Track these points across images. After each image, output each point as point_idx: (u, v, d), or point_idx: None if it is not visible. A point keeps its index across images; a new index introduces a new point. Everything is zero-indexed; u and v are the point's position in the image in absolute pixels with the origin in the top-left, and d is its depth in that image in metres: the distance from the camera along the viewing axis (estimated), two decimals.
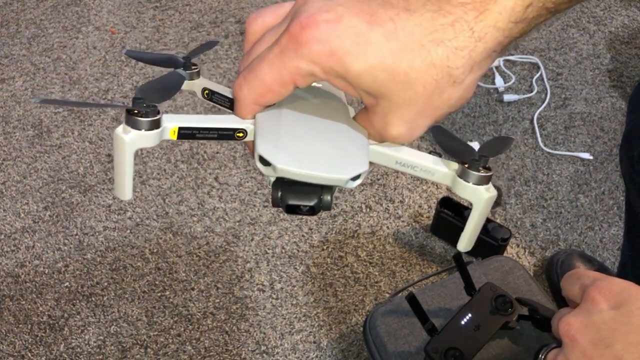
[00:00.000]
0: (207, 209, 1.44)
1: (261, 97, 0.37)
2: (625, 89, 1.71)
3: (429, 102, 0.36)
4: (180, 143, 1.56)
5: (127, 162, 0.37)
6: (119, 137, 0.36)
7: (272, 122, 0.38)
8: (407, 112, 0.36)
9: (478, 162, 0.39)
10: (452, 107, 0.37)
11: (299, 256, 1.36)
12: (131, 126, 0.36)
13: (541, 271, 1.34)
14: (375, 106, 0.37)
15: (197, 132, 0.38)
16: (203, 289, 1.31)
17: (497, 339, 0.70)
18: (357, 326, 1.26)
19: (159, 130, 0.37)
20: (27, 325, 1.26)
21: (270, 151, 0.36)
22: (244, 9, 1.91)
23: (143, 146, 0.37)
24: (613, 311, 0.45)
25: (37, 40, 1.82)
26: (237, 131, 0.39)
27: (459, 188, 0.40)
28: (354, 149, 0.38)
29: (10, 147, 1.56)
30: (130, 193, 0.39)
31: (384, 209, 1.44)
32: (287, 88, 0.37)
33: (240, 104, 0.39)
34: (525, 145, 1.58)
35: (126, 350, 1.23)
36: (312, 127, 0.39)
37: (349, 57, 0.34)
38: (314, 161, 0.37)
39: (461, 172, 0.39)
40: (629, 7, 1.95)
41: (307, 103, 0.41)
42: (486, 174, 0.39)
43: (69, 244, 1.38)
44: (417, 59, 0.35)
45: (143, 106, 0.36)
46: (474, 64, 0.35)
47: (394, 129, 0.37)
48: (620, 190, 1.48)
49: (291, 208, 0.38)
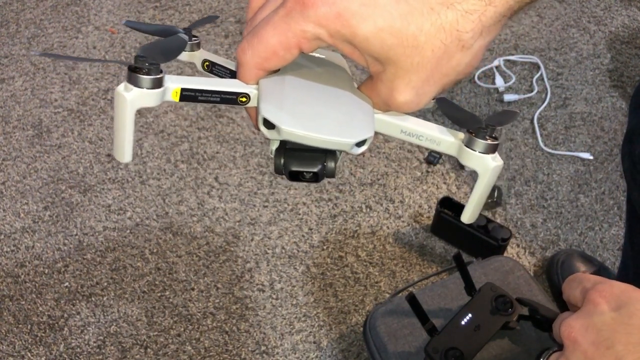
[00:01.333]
0: (207, 209, 1.44)
1: (265, 61, 0.37)
2: (625, 89, 1.71)
3: (437, 67, 0.35)
4: (180, 143, 1.56)
5: (127, 121, 0.36)
6: (120, 95, 0.35)
7: (276, 87, 0.38)
8: (415, 77, 0.36)
9: (485, 131, 0.38)
10: (460, 74, 0.37)
11: (299, 256, 1.36)
12: (133, 84, 0.35)
13: (541, 271, 1.34)
14: (382, 73, 0.36)
15: (199, 94, 0.37)
16: (203, 289, 1.31)
17: (497, 339, 0.70)
18: (357, 326, 1.26)
19: (161, 89, 0.36)
20: (26, 325, 1.26)
21: (274, 113, 0.36)
22: (244, 9, 1.91)
23: (144, 105, 0.36)
24: (614, 313, 0.45)
25: (37, 40, 1.82)
26: (241, 95, 0.38)
27: (465, 157, 0.39)
28: (360, 115, 0.38)
29: (10, 147, 1.56)
30: (130, 155, 0.37)
31: (384, 209, 1.44)
32: (292, 52, 0.36)
33: (243, 68, 0.38)
34: (526, 145, 1.57)
35: (126, 351, 1.23)
36: (316, 93, 0.39)
37: (356, 19, 0.34)
38: (319, 124, 0.36)
39: (468, 141, 0.39)
40: (629, 7, 1.95)
41: (311, 71, 0.41)
42: (493, 142, 0.38)
43: (69, 244, 1.38)
44: (427, 22, 0.34)
45: (146, 64, 0.35)
46: (483, 28, 0.35)
47: (401, 95, 0.36)
48: (620, 190, 1.48)
49: (294, 175, 0.38)
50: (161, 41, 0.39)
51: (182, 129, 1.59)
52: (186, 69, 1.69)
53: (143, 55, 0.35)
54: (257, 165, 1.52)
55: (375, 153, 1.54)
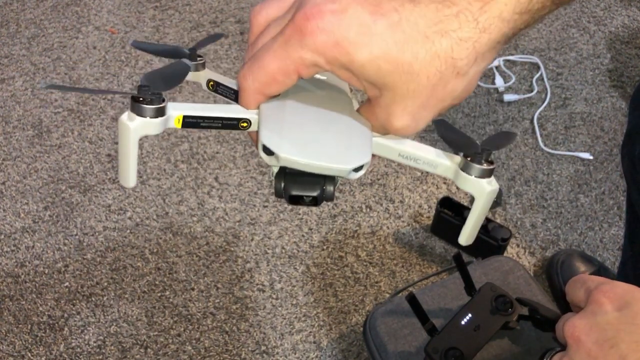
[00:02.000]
0: (207, 209, 1.44)
1: (265, 87, 0.37)
2: (625, 89, 1.71)
3: (432, 93, 0.36)
4: (180, 143, 1.56)
5: (131, 149, 0.37)
6: (124, 124, 0.36)
7: (276, 113, 0.38)
8: (411, 103, 0.36)
9: (481, 155, 0.39)
10: (455, 99, 0.37)
11: (299, 256, 1.36)
12: (136, 113, 0.36)
13: (541, 271, 1.34)
14: (379, 98, 0.37)
15: (201, 120, 0.38)
16: (203, 289, 1.31)
17: (497, 339, 0.70)
18: (357, 326, 1.26)
19: (163, 118, 0.37)
20: (27, 325, 1.26)
21: (274, 140, 0.36)
22: (244, 9, 1.91)
23: (147, 133, 0.37)
24: (617, 312, 0.45)
25: (37, 40, 1.82)
26: (242, 121, 0.39)
27: (461, 181, 0.40)
28: (357, 140, 0.38)
29: (10, 147, 1.56)
30: (134, 180, 0.39)
31: (384, 209, 1.44)
32: (291, 78, 0.37)
33: (244, 93, 0.38)
34: (526, 145, 1.58)
35: (126, 351, 1.23)
36: (315, 117, 0.40)
37: (354, 47, 0.34)
38: (317, 151, 0.37)
39: (464, 165, 0.39)
40: (629, 7, 1.95)
41: (312, 94, 0.42)
42: (488, 167, 0.39)
43: (69, 244, 1.38)
44: (422, 50, 0.34)
45: (148, 94, 0.36)
46: (478, 55, 0.35)
47: (398, 120, 0.37)
48: (620, 190, 1.48)
49: (294, 199, 0.39)
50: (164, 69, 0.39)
51: (182, 129, 1.59)
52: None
53: (146, 85, 0.36)
54: (257, 165, 1.52)
55: None
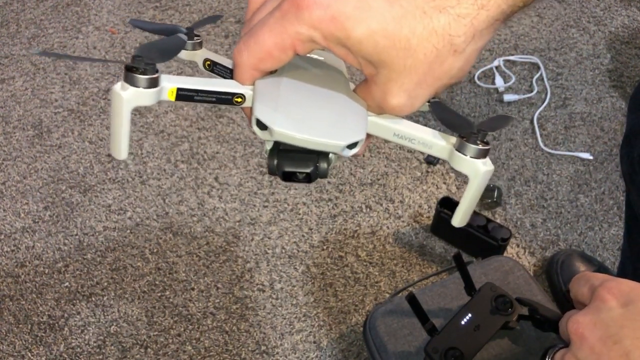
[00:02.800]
0: (207, 209, 1.44)
1: (261, 62, 0.37)
2: (625, 89, 1.71)
3: (429, 70, 0.36)
4: (180, 143, 1.56)
5: (123, 119, 0.37)
6: (117, 94, 0.36)
7: (271, 88, 0.38)
8: (407, 80, 0.36)
9: (476, 135, 0.39)
10: (452, 78, 0.37)
11: (299, 256, 1.36)
12: (129, 83, 0.36)
13: (541, 271, 1.34)
14: (375, 75, 0.37)
15: (195, 94, 0.38)
16: (203, 289, 1.31)
17: (497, 339, 0.70)
18: (357, 326, 1.26)
19: (157, 89, 0.36)
20: (27, 325, 1.26)
21: (267, 114, 0.36)
22: (244, 9, 1.91)
23: (140, 104, 0.36)
24: (622, 309, 0.45)
25: (37, 40, 1.82)
26: (236, 96, 0.39)
27: (456, 161, 0.39)
28: (352, 118, 0.38)
29: (10, 147, 1.56)
30: (125, 152, 0.38)
31: (384, 209, 1.44)
32: (287, 53, 0.36)
33: (239, 69, 0.38)
34: (525, 145, 1.58)
35: (126, 350, 1.23)
36: (311, 95, 0.39)
37: (350, 22, 0.34)
38: (310, 126, 0.37)
39: (459, 145, 0.39)
40: (629, 7, 1.95)
41: (308, 73, 0.41)
42: (484, 147, 0.39)
43: (69, 244, 1.38)
44: (419, 26, 0.34)
45: (142, 64, 0.36)
46: (475, 32, 0.35)
47: (394, 98, 0.37)
48: (620, 190, 1.48)
49: (287, 175, 0.38)
50: (159, 41, 0.39)
51: (182, 129, 1.60)
52: (186, 68, 1.69)
53: (140, 55, 0.36)
54: (257, 165, 1.52)
55: (375, 153, 1.54)
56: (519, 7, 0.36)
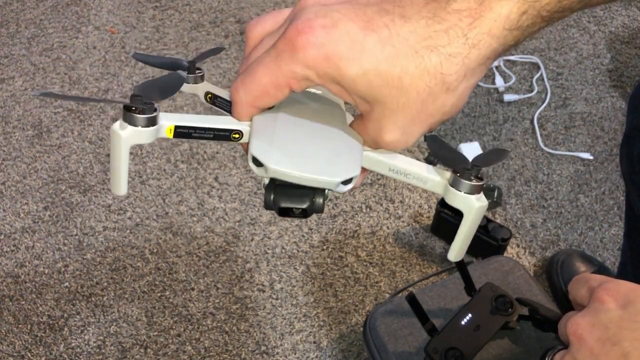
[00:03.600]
0: (207, 209, 1.44)
1: (257, 99, 0.38)
2: (625, 89, 1.71)
3: (422, 108, 0.36)
4: (180, 143, 1.56)
5: (122, 157, 0.37)
6: (116, 133, 0.37)
7: (267, 125, 0.39)
8: (401, 118, 0.37)
9: (470, 172, 0.39)
10: (445, 115, 0.38)
11: (299, 256, 1.36)
12: (128, 122, 0.36)
13: (541, 271, 1.34)
14: (370, 112, 0.37)
15: (193, 131, 0.39)
16: (203, 289, 1.31)
17: (497, 339, 0.70)
18: (357, 326, 1.26)
19: (155, 127, 0.37)
20: (26, 325, 1.26)
21: (263, 152, 0.37)
22: (244, 9, 1.91)
23: (139, 142, 0.37)
24: (620, 310, 0.46)
25: (37, 40, 1.82)
26: (234, 132, 0.39)
27: (451, 197, 0.40)
28: (347, 154, 0.39)
29: (10, 147, 1.56)
30: (125, 188, 0.39)
31: (384, 209, 1.44)
32: (282, 91, 0.37)
33: (237, 106, 0.39)
34: (526, 145, 1.58)
35: (126, 351, 1.23)
36: (307, 130, 0.40)
37: (344, 62, 0.35)
38: (305, 163, 0.37)
39: (453, 181, 0.40)
40: (629, 7, 1.95)
41: (305, 108, 0.42)
42: (477, 184, 0.39)
43: (69, 244, 1.38)
44: (411, 65, 0.35)
45: (140, 103, 0.36)
46: (467, 70, 0.36)
47: (388, 134, 0.38)
48: (620, 190, 1.48)
49: (284, 210, 0.39)
50: (158, 79, 0.40)
51: None
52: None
53: (139, 95, 0.36)
54: None
55: None
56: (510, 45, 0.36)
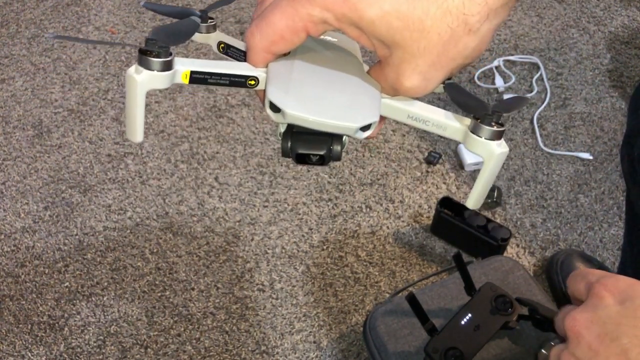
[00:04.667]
0: (207, 209, 1.44)
1: (273, 44, 0.37)
2: (625, 89, 1.71)
3: (443, 51, 0.35)
4: (180, 143, 1.56)
5: (138, 102, 0.36)
6: (131, 77, 0.36)
7: (284, 71, 0.38)
8: (422, 62, 0.35)
9: (491, 117, 0.38)
10: (467, 58, 0.36)
11: (299, 256, 1.36)
12: (143, 66, 0.35)
13: (541, 271, 1.34)
14: (389, 57, 0.36)
15: (209, 77, 0.38)
16: (203, 289, 1.31)
17: (497, 339, 0.70)
18: (357, 326, 1.26)
19: (171, 72, 0.36)
20: (27, 325, 1.26)
21: (280, 97, 0.36)
22: (244, 9, 1.91)
23: (155, 87, 0.36)
24: (619, 306, 0.45)
25: (37, 40, 1.82)
26: (249, 78, 0.38)
27: (471, 143, 0.39)
28: (365, 100, 0.38)
29: (10, 147, 1.56)
30: (141, 135, 0.38)
31: (384, 209, 1.44)
32: (299, 36, 0.36)
33: (252, 51, 0.38)
34: (525, 145, 1.58)
35: (126, 350, 1.23)
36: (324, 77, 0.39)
37: (363, 3, 0.34)
38: (323, 108, 0.36)
39: (473, 127, 0.38)
40: (629, 7, 1.95)
41: (321, 55, 0.41)
42: (499, 129, 0.38)
43: (69, 243, 1.38)
44: (433, 6, 0.34)
45: (156, 47, 0.35)
46: (490, 11, 0.34)
47: (408, 80, 0.36)
48: (620, 190, 1.48)
49: (301, 157, 0.38)
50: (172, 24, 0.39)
51: (182, 129, 1.60)
52: None
53: (153, 38, 0.35)
54: (257, 165, 1.52)
55: (375, 153, 1.54)
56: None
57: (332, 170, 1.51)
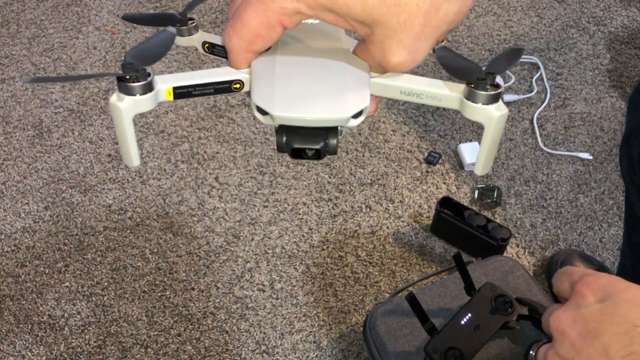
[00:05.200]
0: (207, 209, 1.44)
1: (251, 44, 0.36)
2: (624, 89, 1.71)
3: (425, 22, 0.34)
4: (180, 143, 1.56)
5: (126, 129, 0.36)
6: (114, 106, 0.35)
7: (267, 69, 0.37)
8: (405, 36, 0.34)
9: (485, 81, 0.37)
10: (451, 24, 0.35)
11: (299, 256, 1.36)
12: (124, 93, 0.35)
13: (541, 271, 1.34)
14: (371, 35, 0.35)
15: (192, 89, 0.37)
16: (203, 288, 1.32)
17: (497, 338, 0.71)
18: (357, 326, 1.26)
19: (153, 92, 0.36)
20: (27, 325, 1.26)
21: (266, 99, 0.35)
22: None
23: (140, 111, 0.36)
24: (600, 304, 0.45)
25: (38, 41, 1.82)
26: (234, 82, 0.38)
27: (468, 110, 0.38)
28: (353, 86, 0.37)
29: (10, 147, 1.56)
30: (137, 159, 0.38)
31: (384, 209, 1.44)
32: (275, 31, 0.35)
33: (232, 54, 0.37)
34: (525, 145, 1.58)
35: (126, 350, 1.23)
36: (308, 68, 0.38)
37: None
38: (311, 104, 0.36)
39: (468, 94, 0.37)
40: (629, 7, 1.95)
41: (303, 45, 0.40)
42: (494, 92, 0.37)
43: (69, 243, 1.38)
44: None
45: (133, 71, 0.35)
46: None
47: (394, 56, 0.35)
48: (620, 191, 1.49)
49: (296, 152, 0.37)
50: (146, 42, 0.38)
51: (183, 129, 1.60)
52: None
53: (130, 62, 0.35)
54: (257, 165, 1.52)
55: (375, 153, 1.55)
56: None
57: (332, 170, 1.51)
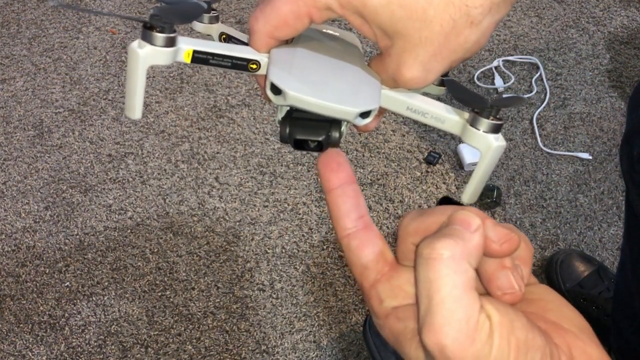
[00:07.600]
0: (207, 208, 1.44)
1: (276, 29, 0.37)
2: (624, 89, 1.71)
3: (445, 42, 0.35)
4: (180, 143, 1.56)
5: (139, 77, 0.37)
6: (134, 51, 0.36)
7: (286, 56, 0.39)
8: (423, 52, 0.36)
9: (490, 110, 0.39)
10: (467, 52, 0.37)
11: (299, 256, 1.37)
12: (147, 41, 0.36)
13: (540, 271, 1.35)
14: (390, 47, 0.37)
15: (211, 57, 0.38)
16: (203, 288, 1.32)
17: None
18: (357, 326, 1.26)
19: (173, 48, 0.37)
20: (27, 324, 1.26)
21: (282, 78, 0.37)
22: (244, 10, 1.91)
23: (156, 63, 0.36)
24: None
25: (38, 41, 1.82)
26: (251, 62, 0.39)
27: (469, 136, 0.39)
28: (366, 88, 0.38)
29: (11, 147, 1.56)
30: (140, 111, 0.38)
31: (384, 209, 1.44)
32: (302, 22, 0.36)
33: (255, 36, 0.38)
34: (525, 145, 1.58)
35: (127, 350, 1.23)
36: (325, 64, 0.40)
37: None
38: (325, 92, 0.37)
39: (472, 120, 0.39)
40: (629, 8, 1.96)
41: (323, 44, 0.42)
42: (496, 122, 0.39)
43: (70, 243, 1.38)
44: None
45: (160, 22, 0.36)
46: (492, 5, 0.35)
47: (408, 70, 0.37)
48: (619, 190, 1.49)
49: (299, 143, 0.38)
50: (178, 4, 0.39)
51: (183, 129, 1.60)
52: None
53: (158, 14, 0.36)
54: (258, 165, 1.52)
55: (375, 153, 1.55)
56: None
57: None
